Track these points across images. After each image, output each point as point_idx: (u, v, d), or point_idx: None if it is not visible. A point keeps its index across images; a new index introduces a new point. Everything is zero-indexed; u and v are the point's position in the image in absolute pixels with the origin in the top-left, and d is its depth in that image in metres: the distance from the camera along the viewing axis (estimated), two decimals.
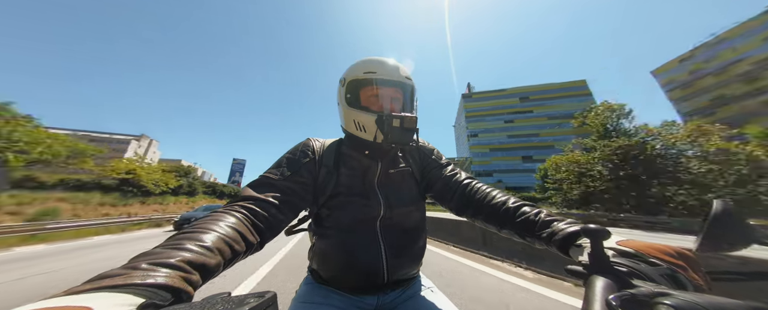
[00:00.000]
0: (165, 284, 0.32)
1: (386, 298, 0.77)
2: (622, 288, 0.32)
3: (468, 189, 0.80)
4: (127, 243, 8.42)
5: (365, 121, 0.76)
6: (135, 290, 0.29)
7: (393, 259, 0.74)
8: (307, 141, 0.82)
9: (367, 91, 0.79)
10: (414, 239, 0.80)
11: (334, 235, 0.75)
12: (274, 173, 0.70)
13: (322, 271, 0.78)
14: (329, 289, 0.77)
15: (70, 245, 7.99)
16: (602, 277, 0.34)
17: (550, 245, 0.56)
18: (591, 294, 0.31)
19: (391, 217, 0.77)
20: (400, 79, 0.80)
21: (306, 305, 0.73)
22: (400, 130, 0.72)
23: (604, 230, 0.40)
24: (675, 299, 0.26)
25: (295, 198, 0.68)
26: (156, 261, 0.35)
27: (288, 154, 0.78)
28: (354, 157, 0.81)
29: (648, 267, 0.38)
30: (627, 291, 0.29)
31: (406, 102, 0.84)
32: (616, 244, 0.44)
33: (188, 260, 0.38)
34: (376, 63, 0.80)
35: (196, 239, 0.42)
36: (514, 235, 0.66)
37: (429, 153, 0.92)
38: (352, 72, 0.81)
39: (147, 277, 0.32)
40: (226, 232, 0.47)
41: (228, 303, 0.26)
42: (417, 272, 0.86)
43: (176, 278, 0.34)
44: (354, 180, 0.78)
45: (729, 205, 0.41)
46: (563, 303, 2.60)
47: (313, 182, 0.75)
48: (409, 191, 0.84)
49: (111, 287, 0.29)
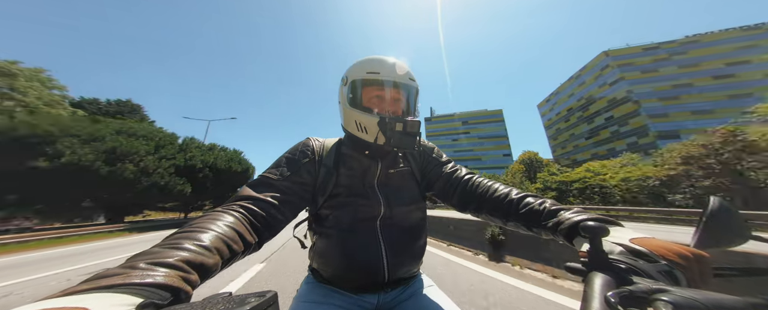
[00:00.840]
0: (164, 284, 0.32)
1: (387, 297, 0.78)
2: (621, 285, 0.32)
3: (469, 184, 0.80)
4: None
5: (367, 122, 0.76)
6: (133, 290, 0.29)
7: (393, 258, 0.74)
8: (307, 141, 0.82)
9: (369, 92, 0.79)
10: (414, 238, 0.81)
11: (334, 234, 0.75)
12: (274, 173, 0.70)
13: (323, 270, 0.79)
14: (330, 288, 0.77)
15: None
16: (601, 274, 0.34)
17: (556, 234, 0.55)
18: (590, 291, 0.31)
19: (391, 216, 0.77)
20: (403, 80, 0.79)
21: (307, 304, 0.73)
22: (403, 134, 0.72)
23: (603, 227, 0.40)
24: (672, 295, 0.27)
25: (295, 198, 0.68)
26: (154, 261, 0.35)
27: (287, 153, 0.78)
28: (354, 157, 0.82)
29: (646, 264, 0.38)
30: (625, 288, 0.29)
31: (410, 104, 0.84)
32: (630, 241, 0.44)
33: (187, 259, 0.37)
34: (380, 63, 0.79)
35: (195, 239, 0.42)
36: (520, 226, 0.65)
37: (429, 152, 0.92)
38: (355, 71, 0.80)
39: (145, 276, 0.31)
40: (224, 231, 0.47)
41: (229, 303, 0.26)
42: (417, 271, 0.87)
43: (175, 278, 0.33)
44: (354, 180, 0.79)
45: (725, 201, 0.42)
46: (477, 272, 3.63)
47: (312, 181, 0.75)
48: (409, 190, 0.84)
49: (108, 286, 0.29)
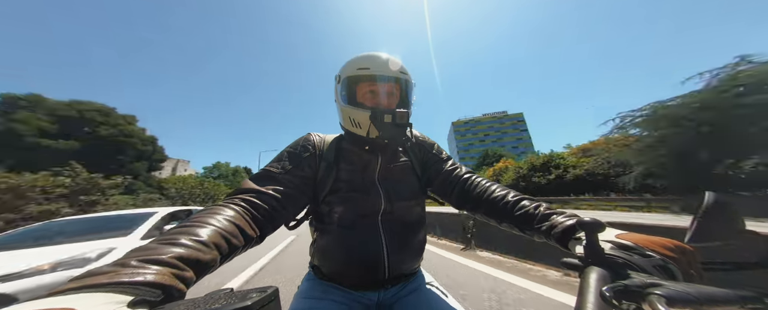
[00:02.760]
0: (154, 282, 0.31)
1: (387, 293, 0.78)
2: (617, 280, 0.32)
3: (468, 184, 0.80)
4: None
5: (360, 117, 0.76)
6: (123, 288, 0.28)
7: (394, 254, 0.74)
8: (308, 136, 0.83)
9: (361, 88, 0.79)
10: (415, 233, 0.81)
11: (335, 230, 0.75)
12: (276, 167, 0.71)
13: (324, 266, 0.79)
14: (331, 284, 0.77)
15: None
16: (597, 269, 0.35)
17: (549, 238, 0.56)
18: (585, 285, 0.32)
19: (392, 211, 0.77)
20: (394, 73, 0.79)
21: (308, 300, 0.74)
22: (392, 125, 0.73)
23: (598, 223, 0.40)
24: (666, 289, 0.27)
25: (296, 192, 0.69)
26: (146, 258, 0.34)
27: (289, 148, 0.78)
28: (354, 152, 0.82)
29: (641, 259, 0.39)
30: (620, 282, 0.30)
31: (402, 96, 0.84)
32: (616, 237, 0.45)
33: (181, 255, 0.37)
34: (370, 58, 0.79)
35: (191, 234, 0.42)
36: (513, 228, 0.66)
37: (430, 148, 0.93)
38: (347, 69, 0.80)
39: (135, 274, 0.31)
40: (223, 226, 0.47)
41: (231, 298, 0.26)
42: (418, 267, 0.87)
43: (167, 275, 0.33)
44: (354, 175, 0.79)
45: (721, 197, 0.43)
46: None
47: (313, 176, 0.76)
48: (409, 185, 0.84)
49: (96, 285, 0.28)
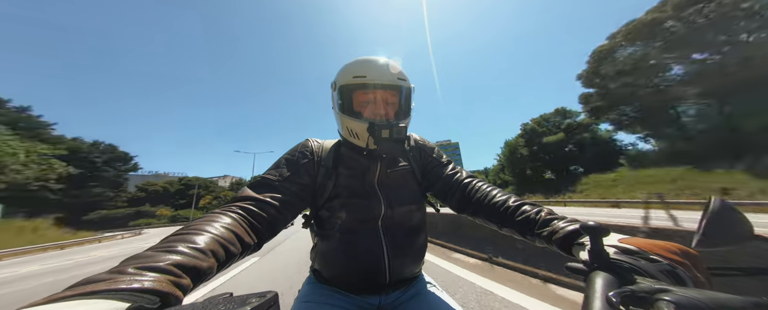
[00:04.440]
0: (152, 289, 0.31)
1: (388, 298, 0.77)
2: (623, 285, 0.32)
3: (468, 188, 0.79)
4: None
5: (357, 128, 0.75)
6: (120, 295, 0.28)
7: (395, 259, 0.74)
8: (306, 142, 0.82)
9: (358, 96, 0.77)
10: (416, 237, 0.81)
11: (335, 235, 0.75)
12: (273, 174, 0.70)
13: (325, 271, 0.78)
14: (332, 289, 0.77)
15: None
16: (603, 274, 0.34)
17: (551, 243, 0.55)
18: (591, 291, 0.31)
19: (392, 216, 0.77)
20: (392, 81, 0.76)
21: (309, 304, 0.73)
22: (389, 141, 0.72)
23: (603, 227, 0.40)
24: (675, 295, 0.26)
25: (294, 199, 0.68)
26: (144, 265, 0.34)
27: (287, 155, 0.77)
28: (353, 157, 0.81)
29: (648, 264, 0.38)
30: (627, 288, 0.29)
31: (401, 104, 0.81)
32: (619, 241, 0.44)
33: (178, 263, 0.37)
34: (366, 65, 0.76)
35: (189, 241, 0.42)
36: (514, 233, 0.65)
37: (430, 152, 0.92)
38: (342, 76, 0.78)
39: (133, 281, 0.31)
40: (220, 233, 0.47)
41: (230, 303, 0.26)
42: (419, 271, 0.86)
43: (164, 282, 0.33)
44: (353, 180, 0.78)
45: (727, 202, 0.42)
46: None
47: (312, 182, 0.75)
48: (409, 189, 0.84)
49: (94, 292, 0.28)
